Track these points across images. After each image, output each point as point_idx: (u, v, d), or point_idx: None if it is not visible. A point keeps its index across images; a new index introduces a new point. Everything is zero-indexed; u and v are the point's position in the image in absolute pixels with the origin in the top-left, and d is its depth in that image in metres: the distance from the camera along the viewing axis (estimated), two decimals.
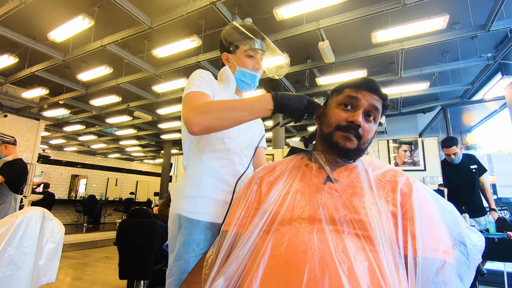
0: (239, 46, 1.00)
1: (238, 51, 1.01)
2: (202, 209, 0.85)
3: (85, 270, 3.86)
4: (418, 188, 0.64)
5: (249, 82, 1.03)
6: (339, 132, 0.69)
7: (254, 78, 1.03)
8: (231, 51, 1.02)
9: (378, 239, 0.55)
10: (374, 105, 0.70)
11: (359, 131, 0.68)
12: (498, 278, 2.87)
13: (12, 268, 1.50)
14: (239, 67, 1.01)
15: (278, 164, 0.80)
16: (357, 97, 0.69)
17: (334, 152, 0.72)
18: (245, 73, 1.01)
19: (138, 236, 2.29)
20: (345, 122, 0.69)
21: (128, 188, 12.68)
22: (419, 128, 6.79)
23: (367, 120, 0.70)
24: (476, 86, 5.00)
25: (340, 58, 4.27)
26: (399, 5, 2.97)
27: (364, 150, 0.72)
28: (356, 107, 0.70)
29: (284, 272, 0.53)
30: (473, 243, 0.58)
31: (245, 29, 1.00)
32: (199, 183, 0.87)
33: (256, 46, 1.00)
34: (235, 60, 1.01)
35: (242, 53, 1.01)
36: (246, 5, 3.51)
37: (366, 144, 0.71)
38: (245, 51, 1.00)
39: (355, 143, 0.69)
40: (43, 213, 1.75)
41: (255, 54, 1.01)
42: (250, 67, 1.01)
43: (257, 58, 1.02)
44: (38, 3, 3.47)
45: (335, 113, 0.71)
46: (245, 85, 1.04)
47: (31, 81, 5.51)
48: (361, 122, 0.67)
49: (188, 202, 0.86)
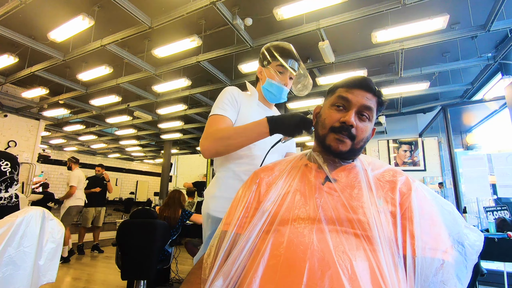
0: (272, 61, 1.12)
1: (270, 65, 1.13)
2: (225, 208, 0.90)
3: (85, 270, 3.86)
4: (417, 188, 0.64)
5: (275, 94, 1.14)
6: (332, 134, 0.69)
7: (280, 90, 1.13)
8: (264, 65, 1.15)
9: (377, 239, 0.55)
10: (367, 104, 0.69)
11: (352, 131, 0.67)
12: (498, 278, 2.87)
13: (12, 268, 1.50)
14: (268, 79, 1.13)
15: (277, 164, 0.80)
16: (349, 97, 0.69)
17: (329, 155, 0.72)
18: (273, 84, 1.12)
19: (139, 236, 2.30)
20: (338, 123, 0.69)
21: (128, 188, 12.68)
22: (419, 128, 6.79)
23: (361, 119, 0.69)
24: (476, 86, 5.00)
25: (340, 58, 4.27)
26: (399, 5, 2.97)
27: (359, 149, 0.71)
28: (348, 107, 0.69)
29: (284, 272, 0.53)
30: (471, 243, 0.58)
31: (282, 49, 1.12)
32: (225, 186, 1.01)
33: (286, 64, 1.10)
34: (266, 73, 1.14)
35: (273, 67, 1.12)
36: (246, 5, 3.51)
37: (361, 143, 0.70)
38: (276, 67, 1.12)
39: (348, 144, 0.68)
40: (43, 213, 1.75)
41: (284, 71, 1.12)
42: (277, 81, 1.12)
43: (286, 75, 1.12)
44: (38, 3, 3.47)
45: (328, 114, 0.71)
46: (272, 96, 1.15)
47: (31, 81, 5.51)
48: (354, 122, 0.67)
49: (214, 202, 0.99)
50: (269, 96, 1.16)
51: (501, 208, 2.76)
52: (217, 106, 1.03)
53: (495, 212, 2.76)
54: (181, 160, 9.44)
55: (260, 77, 1.18)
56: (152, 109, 6.80)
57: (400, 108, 6.14)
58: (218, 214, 0.96)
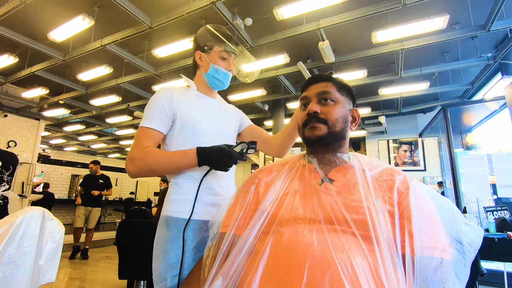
0: (214, 46, 1.05)
1: (212, 51, 1.05)
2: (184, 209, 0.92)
3: (85, 270, 3.86)
4: (415, 187, 0.64)
5: (222, 80, 1.06)
6: (305, 128, 0.75)
7: (226, 76, 1.07)
8: (205, 51, 1.06)
9: (375, 239, 0.55)
10: (322, 89, 0.75)
11: (320, 116, 0.72)
12: (498, 278, 2.87)
13: (12, 268, 1.50)
14: (213, 64, 1.04)
15: (276, 165, 0.81)
16: (306, 94, 0.78)
17: (314, 146, 0.75)
18: (219, 70, 1.04)
19: (137, 236, 2.30)
20: (306, 117, 0.75)
21: (128, 188, 12.67)
22: (419, 128, 6.79)
23: (324, 104, 0.75)
24: (476, 86, 5.00)
25: (340, 58, 4.27)
26: (399, 5, 2.97)
27: (340, 132, 0.74)
28: (309, 101, 0.77)
29: (284, 272, 0.53)
30: (470, 240, 0.58)
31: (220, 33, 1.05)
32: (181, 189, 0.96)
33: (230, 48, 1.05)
34: (208, 59, 1.05)
35: (216, 53, 1.05)
36: (246, 5, 3.51)
37: (338, 124, 0.73)
38: (219, 52, 1.04)
39: (323, 128, 0.72)
40: (43, 213, 1.75)
41: (228, 56, 1.06)
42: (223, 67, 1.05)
43: (230, 60, 1.07)
44: (38, 3, 3.47)
45: (299, 117, 0.80)
46: (218, 82, 1.07)
47: (31, 81, 5.51)
48: (316, 108, 0.73)
49: (171, 204, 0.95)
50: (214, 83, 1.07)
51: (501, 208, 2.76)
52: (146, 115, 0.95)
53: (495, 212, 2.76)
54: None
55: (200, 63, 1.07)
56: None
57: (400, 108, 6.14)
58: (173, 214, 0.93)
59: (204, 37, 1.06)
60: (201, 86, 1.09)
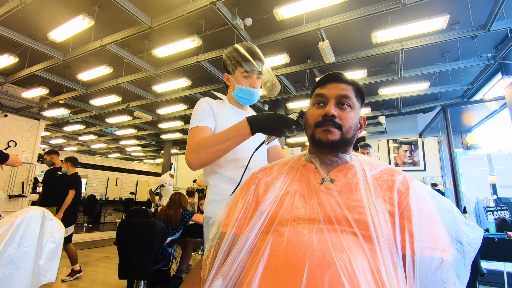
0: (237, 67, 1.14)
1: (236, 72, 1.14)
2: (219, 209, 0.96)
3: (85, 270, 3.86)
4: (415, 187, 0.64)
5: (247, 98, 1.16)
6: (318, 129, 0.72)
7: (251, 94, 1.15)
8: (231, 73, 1.16)
9: (376, 238, 0.55)
10: (343, 93, 0.72)
11: (336, 120, 0.70)
12: (498, 278, 2.87)
13: (12, 267, 1.50)
14: (237, 85, 1.14)
15: (276, 165, 0.81)
16: (324, 92, 0.73)
17: (323, 149, 0.73)
18: (243, 89, 1.14)
19: (137, 236, 2.30)
20: (320, 118, 0.72)
21: (128, 188, 12.68)
22: (419, 128, 6.79)
23: (341, 108, 0.72)
24: (476, 86, 5.00)
25: (340, 58, 4.27)
26: (399, 5, 2.97)
27: (351, 139, 0.73)
28: (326, 101, 0.73)
29: (284, 272, 0.53)
30: (470, 240, 0.58)
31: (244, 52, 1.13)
32: (217, 190, 1.05)
33: (250, 68, 1.12)
34: (234, 80, 1.16)
35: (240, 74, 1.14)
36: (246, 5, 3.51)
37: (351, 131, 0.72)
38: (242, 73, 1.13)
39: (336, 133, 0.70)
40: (43, 213, 1.75)
41: (251, 75, 1.13)
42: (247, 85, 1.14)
43: (253, 78, 1.14)
44: (38, 3, 3.47)
45: (311, 113, 0.76)
46: (244, 100, 1.18)
47: (31, 81, 5.52)
48: (334, 112, 0.70)
49: (211, 205, 1.04)
50: (242, 101, 1.18)
51: (501, 208, 2.76)
52: (194, 118, 1.05)
53: (495, 212, 2.76)
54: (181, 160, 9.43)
55: (228, 84, 1.20)
56: (152, 109, 6.80)
57: (400, 108, 6.14)
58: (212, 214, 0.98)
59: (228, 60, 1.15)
60: (233, 101, 1.21)
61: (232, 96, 1.20)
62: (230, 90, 1.20)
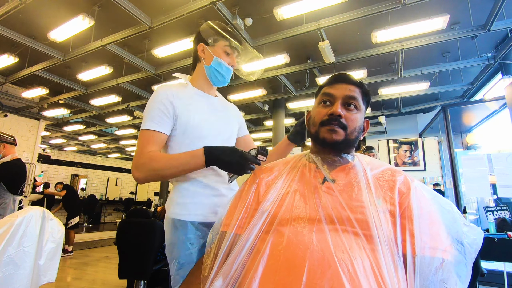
0: (219, 40, 1.02)
1: (217, 45, 1.02)
2: (191, 211, 0.92)
3: (85, 270, 3.86)
4: (416, 187, 0.64)
5: (224, 74, 1.03)
6: (323, 127, 0.72)
7: (229, 72, 1.04)
8: (209, 44, 1.03)
9: (376, 238, 0.55)
10: (350, 94, 0.72)
11: (342, 120, 0.70)
12: (498, 278, 2.87)
13: (12, 267, 1.50)
14: (216, 57, 1.01)
15: (277, 165, 0.81)
16: (332, 92, 0.73)
17: (325, 148, 0.73)
18: (222, 64, 1.02)
19: (137, 236, 2.30)
20: (326, 117, 0.72)
21: (128, 188, 12.68)
22: (419, 128, 6.79)
23: (348, 109, 0.72)
24: (476, 86, 5.00)
25: (340, 58, 4.27)
26: (399, 5, 2.97)
27: (354, 140, 0.73)
28: (333, 100, 0.73)
29: (284, 272, 0.53)
30: (470, 241, 0.58)
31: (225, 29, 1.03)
32: (187, 192, 0.95)
33: (235, 44, 1.04)
34: (212, 52, 1.02)
35: (221, 48, 1.02)
36: (246, 5, 3.51)
37: (355, 133, 0.72)
38: (224, 47, 1.02)
39: (341, 134, 0.70)
40: (43, 213, 1.75)
41: (231, 52, 1.04)
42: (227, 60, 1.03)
43: (233, 57, 1.05)
44: (38, 3, 3.47)
45: (316, 112, 0.75)
46: (219, 76, 1.03)
47: (31, 81, 5.51)
48: (341, 112, 0.70)
49: (178, 207, 0.93)
50: (216, 77, 1.03)
51: (501, 208, 2.76)
52: (147, 117, 0.92)
53: (495, 212, 2.76)
54: None
55: (202, 56, 1.04)
56: None
57: (400, 108, 6.14)
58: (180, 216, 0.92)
59: (209, 31, 1.03)
60: (200, 81, 1.05)
61: (200, 75, 1.05)
62: (202, 64, 1.05)
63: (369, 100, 0.77)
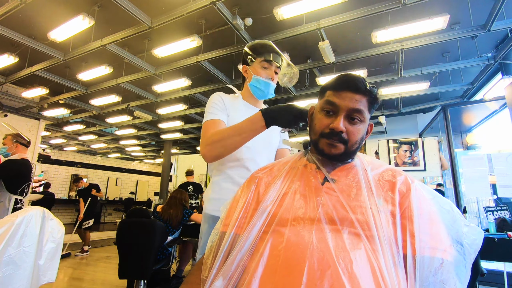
0: (256, 58, 1.14)
1: (255, 62, 1.15)
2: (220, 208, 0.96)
3: (85, 270, 3.86)
4: (417, 187, 0.64)
5: (263, 89, 1.15)
6: (323, 139, 0.69)
7: (268, 85, 1.14)
8: (249, 64, 1.16)
9: (377, 239, 0.55)
10: (356, 107, 0.66)
11: (343, 136, 0.67)
12: (498, 278, 2.87)
13: (12, 267, 1.50)
14: (254, 75, 1.14)
15: (276, 165, 0.80)
16: (337, 102, 0.67)
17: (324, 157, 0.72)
18: (259, 80, 1.13)
19: (137, 236, 2.30)
20: (327, 129, 0.68)
21: (128, 188, 12.68)
22: (419, 128, 6.79)
23: (351, 122, 0.68)
24: (476, 86, 5.00)
25: (340, 58, 4.26)
26: (399, 5, 2.97)
27: (354, 151, 0.71)
28: (336, 112, 0.68)
29: (283, 272, 0.53)
30: (470, 242, 0.58)
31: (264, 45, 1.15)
32: (219, 188, 1.06)
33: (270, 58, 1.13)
34: (251, 70, 1.15)
35: (258, 64, 1.14)
36: (246, 4, 3.51)
37: (356, 145, 0.69)
38: (260, 62, 1.14)
39: (341, 148, 0.68)
40: (43, 212, 1.75)
41: (269, 66, 1.14)
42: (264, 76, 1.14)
43: (271, 70, 1.14)
44: (38, 3, 3.47)
45: (318, 119, 0.71)
46: (260, 92, 1.16)
47: (31, 81, 5.51)
48: (343, 127, 0.66)
49: (212, 203, 1.05)
50: (257, 93, 1.17)
51: (501, 208, 2.76)
52: (207, 112, 1.07)
53: (495, 212, 2.76)
54: (181, 160, 9.44)
55: (246, 76, 1.19)
56: (152, 109, 6.80)
57: (400, 108, 6.14)
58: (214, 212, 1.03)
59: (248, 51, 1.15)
60: (247, 96, 1.20)
61: (246, 91, 1.19)
62: (246, 82, 1.19)
63: (377, 106, 0.72)
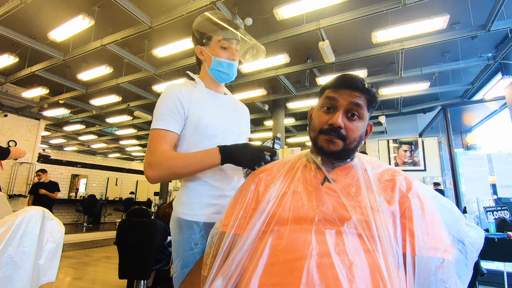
0: (212, 37, 0.97)
1: (212, 42, 0.97)
2: (196, 211, 0.92)
3: (85, 270, 3.86)
4: (417, 187, 0.64)
5: (226, 72, 0.99)
6: (322, 136, 0.69)
7: (231, 67, 0.99)
8: (204, 43, 0.99)
9: (377, 238, 0.55)
10: (355, 102, 0.67)
11: (342, 132, 0.67)
12: (498, 278, 2.87)
13: (12, 267, 1.50)
14: (215, 57, 0.97)
15: (276, 164, 0.80)
16: (335, 98, 0.68)
17: (323, 154, 0.72)
18: (221, 62, 0.97)
19: (137, 236, 2.30)
20: (326, 126, 0.68)
21: (128, 188, 12.68)
22: (419, 128, 6.79)
23: (350, 119, 0.68)
24: (476, 86, 5.00)
25: (340, 58, 4.27)
26: (399, 5, 2.97)
27: (353, 149, 0.71)
28: (335, 108, 0.69)
29: (283, 272, 0.53)
30: (472, 241, 0.58)
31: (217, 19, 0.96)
32: (193, 193, 0.94)
33: (229, 35, 0.96)
34: (209, 52, 0.98)
35: (216, 44, 0.97)
36: (246, 5, 3.51)
37: (355, 142, 0.69)
38: (219, 42, 0.97)
39: (339, 144, 0.68)
40: (43, 212, 1.75)
41: (229, 44, 0.97)
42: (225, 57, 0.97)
43: (232, 48, 0.98)
44: (38, 3, 3.47)
45: (317, 116, 0.72)
46: (223, 75, 1.00)
47: (31, 81, 5.52)
48: (341, 123, 0.67)
49: (184, 207, 0.93)
50: (220, 77, 1.00)
51: (501, 208, 2.76)
52: (157, 116, 0.91)
53: (495, 212, 2.76)
54: None
55: (202, 58, 1.01)
56: (152, 109, 6.77)
57: (400, 108, 6.14)
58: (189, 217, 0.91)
59: (200, 29, 0.98)
60: (207, 81, 1.02)
61: (206, 75, 1.02)
62: (204, 66, 1.01)
63: (376, 105, 0.73)
